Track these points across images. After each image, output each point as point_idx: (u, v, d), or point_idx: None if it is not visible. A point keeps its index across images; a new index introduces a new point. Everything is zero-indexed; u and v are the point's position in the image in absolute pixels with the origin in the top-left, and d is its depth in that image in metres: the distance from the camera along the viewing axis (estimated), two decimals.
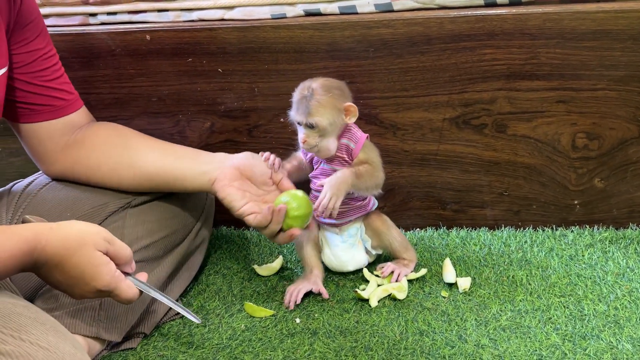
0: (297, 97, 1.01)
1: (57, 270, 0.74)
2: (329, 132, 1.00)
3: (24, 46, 0.91)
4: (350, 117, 1.02)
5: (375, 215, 1.12)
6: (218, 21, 1.17)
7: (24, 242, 0.71)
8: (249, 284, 1.13)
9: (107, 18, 1.21)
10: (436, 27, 1.10)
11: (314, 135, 1.00)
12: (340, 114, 1.01)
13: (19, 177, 1.10)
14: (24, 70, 0.92)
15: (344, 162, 1.05)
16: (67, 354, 0.62)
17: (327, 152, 1.03)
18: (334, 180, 1.00)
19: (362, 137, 1.05)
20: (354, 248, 1.10)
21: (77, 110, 1.00)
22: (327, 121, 0.99)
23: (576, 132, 1.15)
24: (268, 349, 0.95)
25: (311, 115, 0.98)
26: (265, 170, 1.01)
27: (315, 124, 0.99)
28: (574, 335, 0.94)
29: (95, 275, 0.75)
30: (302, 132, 1.01)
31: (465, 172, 1.21)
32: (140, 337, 0.99)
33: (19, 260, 0.71)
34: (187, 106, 1.23)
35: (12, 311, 0.65)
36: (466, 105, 1.16)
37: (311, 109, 0.98)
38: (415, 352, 0.92)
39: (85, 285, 0.75)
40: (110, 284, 0.76)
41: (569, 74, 1.11)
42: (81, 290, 0.76)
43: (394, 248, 1.11)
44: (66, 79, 1.00)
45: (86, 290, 0.76)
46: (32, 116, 0.96)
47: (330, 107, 0.99)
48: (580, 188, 1.20)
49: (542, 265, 1.12)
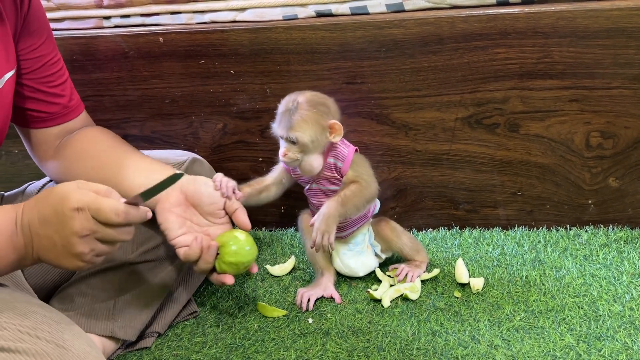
0: (281, 110, 0.98)
1: (41, 226, 0.67)
2: (311, 149, 0.97)
3: (31, 52, 0.91)
4: (335, 135, 0.98)
5: (384, 223, 1.12)
6: (230, 23, 1.18)
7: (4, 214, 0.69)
8: (262, 284, 1.14)
9: (120, 21, 1.22)
10: (448, 27, 1.10)
11: (295, 150, 0.97)
12: (324, 132, 0.97)
13: (35, 178, 1.11)
14: (31, 76, 0.92)
15: (335, 180, 1.02)
16: (82, 351, 0.63)
17: (309, 169, 1.00)
18: (320, 217, 0.95)
19: (350, 154, 1.01)
20: (362, 255, 1.10)
21: (77, 116, 0.99)
22: (309, 138, 0.96)
23: (590, 131, 1.14)
24: (281, 349, 0.95)
25: (293, 129, 0.95)
26: (216, 200, 0.91)
27: (296, 139, 0.95)
28: (589, 336, 0.93)
29: (64, 197, 0.67)
30: (283, 145, 0.98)
31: (478, 172, 1.21)
32: (155, 336, 1.00)
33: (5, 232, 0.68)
34: (200, 108, 1.24)
35: (28, 310, 0.66)
36: (478, 105, 1.15)
37: (293, 123, 0.95)
38: (427, 353, 0.92)
39: (63, 216, 0.66)
40: (82, 199, 0.67)
41: (583, 73, 1.10)
42: (66, 230, 0.67)
43: (405, 253, 1.11)
44: (70, 84, 0.99)
45: (69, 225, 0.67)
46: (36, 122, 0.96)
47: (314, 123, 0.96)
48: (594, 187, 1.19)
49: (555, 265, 1.11)
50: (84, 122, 1.02)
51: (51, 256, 0.69)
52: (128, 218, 0.69)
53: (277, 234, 1.29)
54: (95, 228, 0.68)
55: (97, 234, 0.68)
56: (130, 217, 0.70)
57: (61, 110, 0.96)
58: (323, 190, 1.03)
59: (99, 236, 0.69)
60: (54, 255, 0.69)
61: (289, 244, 1.25)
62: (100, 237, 0.69)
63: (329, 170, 1.01)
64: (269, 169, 1.09)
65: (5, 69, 0.84)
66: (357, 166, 1.01)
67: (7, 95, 0.86)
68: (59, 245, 0.68)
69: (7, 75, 0.85)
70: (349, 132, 1.21)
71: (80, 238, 0.68)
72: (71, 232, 0.67)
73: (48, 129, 0.97)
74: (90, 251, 0.69)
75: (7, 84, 0.85)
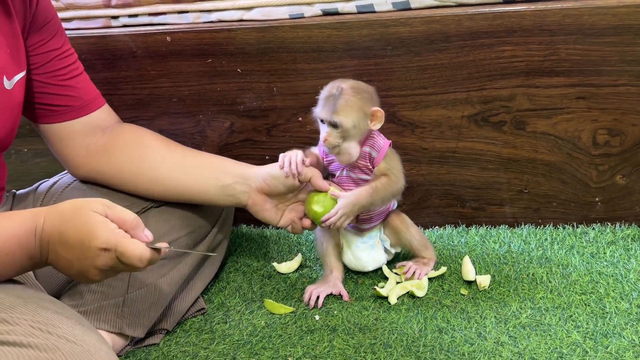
0: (324, 94, 0.99)
1: (61, 246, 0.69)
2: (352, 134, 0.98)
3: (40, 47, 0.92)
4: (375, 122, 1.00)
5: (395, 214, 1.12)
6: (237, 22, 1.19)
7: (24, 221, 0.70)
8: (269, 282, 1.14)
9: (128, 20, 1.23)
10: (454, 25, 1.10)
11: (336, 135, 0.98)
12: (365, 119, 0.99)
13: (44, 177, 1.12)
14: (40, 70, 0.93)
15: (366, 170, 1.04)
16: (93, 347, 0.64)
17: (348, 156, 1.00)
18: (349, 200, 0.99)
19: (385, 145, 1.03)
20: (374, 249, 1.11)
21: (96, 110, 0.99)
22: (352, 122, 0.97)
23: (597, 128, 1.14)
24: (288, 345, 0.96)
25: (337, 113, 0.96)
26: (289, 182, 1.00)
27: (339, 123, 0.97)
28: (596, 333, 0.93)
29: (92, 233, 0.68)
30: (324, 130, 0.99)
31: (485, 170, 1.21)
32: (163, 333, 1.01)
33: (23, 242, 0.70)
34: (207, 106, 1.25)
35: (40, 305, 0.67)
36: (485, 103, 1.15)
37: (337, 107, 0.96)
38: (434, 349, 0.93)
39: (88, 250, 0.68)
40: (110, 240, 0.68)
41: (590, 70, 1.10)
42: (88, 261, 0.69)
43: (413, 246, 1.11)
44: (85, 77, 0.99)
45: (92, 259, 0.69)
46: (51, 117, 0.96)
47: (357, 109, 0.97)
48: (601, 185, 1.18)
49: (562, 263, 1.11)
50: (112, 118, 1.02)
51: (64, 272, 0.73)
52: (149, 264, 0.72)
53: (283, 232, 1.29)
54: (116, 266, 0.71)
55: (116, 269, 0.72)
56: (151, 262, 0.73)
57: (77, 103, 0.96)
58: (353, 179, 1.05)
59: (117, 270, 0.72)
60: (67, 272, 0.73)
61: (295, 241, 1.26)
62: (118, 271, 0.73)
63: (363, 159, 1.03)
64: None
65: (15, 70, 0.85)
66: (389, 159, 1.03)
67: (16, 96, 0.86)
68: (75, 268, 0.71)
69: (17, 77, 0.86)
70: None
71: (99, 270, 0.71)
72: (93, 265, 0.70)
73: (67, 123, 0.96)
74: (104, 278, 0.73)
75: (17, 85, 0.86)
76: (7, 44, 0.84)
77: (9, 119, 0.86)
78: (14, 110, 0.87)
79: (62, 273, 0.73)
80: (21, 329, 0.62)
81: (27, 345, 0.60)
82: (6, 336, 0.60)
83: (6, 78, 0.83)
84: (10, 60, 0.84)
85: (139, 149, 1.00)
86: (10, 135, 0.88)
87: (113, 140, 1.00)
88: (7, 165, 0.97)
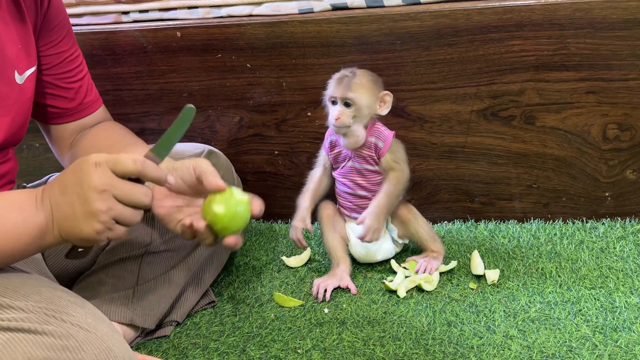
0: (336, 76, 1.04)
1: (60, 194, 0.67)
2: (363, 115, 1.02)
3: (51, 48, 0.92)
4: (384, 107, 1.04)
5: (402, 206, 1.13)
6: (246, 17, 1.19)
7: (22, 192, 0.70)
8: (278, 275, 1.15)
9: (139, 16, 1.24)
10: (464, 19, 1.10)
11: (349, 114, 1.01)
12: (376, 101, 1.04)
13: (55, 171, 1.13)
14: (51, 72, 0.93)
15: (372, 160, 1.06)
16: (106, 335, 0.65)
17: (355, 139, 1.03)
18: (372, 217, 1.03)
19: (390, 136, 1.07)
20: (381, 238, 1.11)
21: (92, 113, 0.99)
22: (365, 101, 1.01)
23: (607, 123, 1.14)
24: (297, 338, 0.97)
25: (352, 90, 1.00)
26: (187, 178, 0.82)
27: (353, 101, 1.00)
28: (605, 327, 0.93)
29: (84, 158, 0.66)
30: (336, 109, 1.02)
31: (494, 165, 1.21)
32: (173, 325, 1.02)
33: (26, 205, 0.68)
34: (216, 101, 1.26)
35: (53, 295, 0.68)
36: (494, 97, 1.15)
37: (352, 85, 1.01)
38: (443, 342, 0.93)
39: (82, 173, 0.66)
40: (101, 156, 0.66)
41: (600, 64, 1.09)
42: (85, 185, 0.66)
43: (421, 237, 1.11)
44: (88, 79, 0.99)
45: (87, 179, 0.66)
46: (55, 118, 0.97)
47: (370, 90, 1.02)
48: (611, 180, 1.18)
49: (572, 257, 1.11)
50: (100, 119, 1.02)
51: (70, 223, 0.68)
52: (145, 168, 0.67)
53: None
54: (113, 182, 0.66)
55: (115, 189, 0.67)
56: (148, 169, 0.68)
57: (77, 107, 0.97)
58: (358, 169, 1.07)
59: (117, 193, 0.67)
60: (72, 220, 0.68)
61: (304, 236, 1.26)
62: (118, 193, 0.67)
63: (369, 149, 1.06)
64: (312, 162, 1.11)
65: (27, 65, 0.86)
66: (395, 150, 1.07)
67: (28, 91, 0.87)
68: (77, 207, 0.67)
69: (28, 72, 0.86)
70: None
71: (98, 194, 0.66)
72: (89, 187, 0.66)
73: (64, 125, 0.98)
74: (107, 210, 0.67)
75: (28, 80, 0.86)
76: (19, 39, 0.85)
77: (21, 114, 0.87)
78: (25, 105, 0.88)
79: (70, 228, 0.68)
80: (36, 316, 0.63)
81: (41, 332, 0.61)
82: (21, 323, 0.61)
83: (17, 73, 0.84)
84: (21, 55, 0.85)
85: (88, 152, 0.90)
86: (21, 130, 0.89)
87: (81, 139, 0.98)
88: (20, 160, 0.97)
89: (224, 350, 0.95)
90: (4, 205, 0.69)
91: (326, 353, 0.93)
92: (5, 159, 0.90)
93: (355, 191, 1.10)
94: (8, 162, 0.91)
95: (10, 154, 0.92)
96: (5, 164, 0.91)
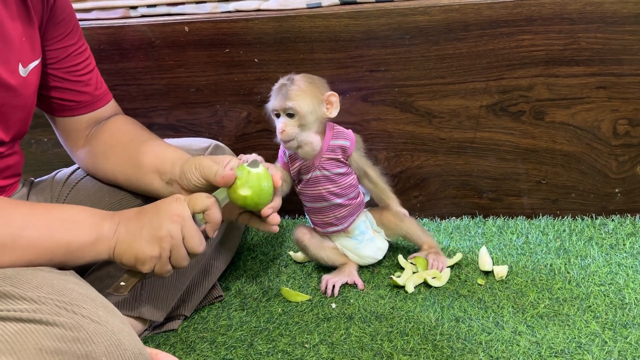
0: (276, 86, 0.98)
1: (132, 222, 0.77)
2: (309, 122, 0.96)
3: (58, 42, 0.93)
4: (331, 109, 0.98)
5: (385, 211, 1.12)
6: (254, 11, 1.19)
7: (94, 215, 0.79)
8: (285, 270, 1.15)
9: (147, 10, 1.24)
10: (473, 14, 1.09)
11: (293, 124, 0.95)
12: (321, 105, 0.97)
13: (63, 166, 1.13)
14: (57, 65, 0.94)
15: (341, 163, 1.02)
16: (117, 327, 0.65)
17: (310, 147, 0.97)
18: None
19: (351, 133, 1.04)
20: (374, 241, 1.10)
21: (104, 105, 1.00)
22: (308, 108, 0.95)
23: (617, 118, 1.13)
24: (305, 332, 0.97)
25: (290, 99, 0.94)
26: None
27: (294, 110, 0.94)
28: (615, 324, 0.92)
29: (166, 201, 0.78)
30: (280, 122, 0.96)
31: (502, 160, 1.20)
32: (181, 319, 1.02)
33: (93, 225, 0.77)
34: (224, 96, 1.25)
35: (65, 287, 0.68)
36: (504, 92, 1.14)
37: (290, 93, 0.95)
38: (451, 338, 0.93)
39: (163, 205, 0.77)
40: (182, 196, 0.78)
41: (611, 59, 1.08)
42: (161, 215, 0.77)
43: (412, 237, 1.11)
44: (97, 73, 1.00)
45: (165, 211, 0.77)
46: (63, 111, 0.98)
47: (311, 94, 0.96)
48: (621, 176, 1.17)
49: (581, 254, 1.10)
50: (113, 111, 1.03)
51: (132, 239, 0.77)
52: (213, 208, 0.79)
53: (300, 222, 1.30)
54: (185, 216, 0.77)
55: (185, 222, 0.77)
56: (213, 210, 0.79)
57: (88, 99, 0.98)
58: (327, 176, 1.02)
59: (185, 227, 0.77)
60: (136, 239, 0.77)
61: None
62: (186, 229, 0.77)
63: (333, 152, 1.02)
64: None
65: (30, 58, 0.86)
66: (359, 146, 1.05)
67: (31, 84, 0.88)
68: (146, 229, 0.76)
69: (32, 65, 0.87)
70: (371, 120, 1.22)
71: (170, 222, 0.76)
72: (165, 214, 0.76)
73: (76, 118, 0.98)
74: (171, 238, 0.76)
75: (31, 73, 0.87)
76: (24, 32, 0.85)
77: (24, 106, 0.87)
78: (29, 98, 0.88)
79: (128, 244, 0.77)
80: (47, 307, 0.63)
81: (52, 323, 0.61)
82: (33, 314, 0.62)
83: (22, 65, 0.85)
84: (25, 48, 0.86)
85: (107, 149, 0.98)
86: (25, 123, 0.90)
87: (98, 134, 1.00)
88: (28, 155, 0.98)
89: (231, 345, 0.96)
90: (76, 208, 0.78)
91: (334, 348, 0.93)
92: (11, 152, 0.91)
93: (331, 200, 1.04)
94: (14, 155, 0.92)
95: (16, 147, 0.93)
96: (11, 157, 0.91)
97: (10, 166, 0.92)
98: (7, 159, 0.91)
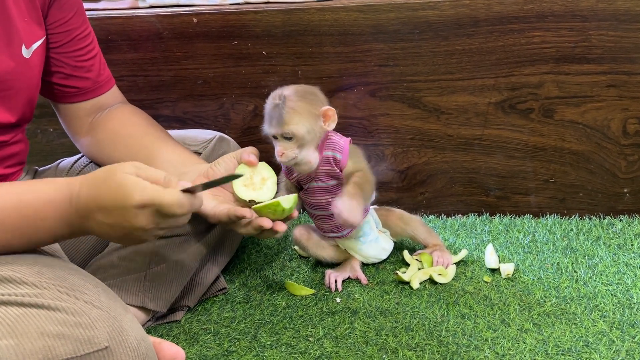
0: (268, 107, 0.93)
1: (100, 213, 0.69)
2: (308, 141, 0.92)
3: (60, 25, 0.92)
4: (329, 122, 0.94)
5: (390, 213, 1.10)
6: (263, 4, 1.18)
7: (59, 188, 0.71)
8: (290, 264, 1.14)
9: (155, 1, 1.24)
10: (483, 9, 1.08)
11: (292, 147, 0.92)
12: (317, 121, 0.93)
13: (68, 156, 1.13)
14: (61, 50, 0.93)
15: (335, 174, 0.98)
16: (118, 314, 0.64)
17: (307, 165, 0.94)
18: (344, 204, 0.91)
19: (346, 144, 0.98)
20: (378, 241, 1.09)
21: (107, 91, 0.99)
22: (305, 129, 0.91)
23: (628, 117, 1.12)
24: (309, 326, 0.96)
25: (286, 124, 0.90)
26: None
27: (291, 134, 0.91)
28: (622, 323, 0.91)
29: (126, 193, 0.67)
30: (278, 145, 0.93)
31: (510, 158, 1.19)
32: (185, 310, 1.02)
33: (59, 208, 0.70)
34: (231, 89, 1.25)
35: (67, 274, 0.68)
36: (513, 89, 1.14)
37: (285, 117, 0.90)
38: (456, 334, 0.92)
39: (126, 212, 0.68)
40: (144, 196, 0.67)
41: (622, 57, 1.07)
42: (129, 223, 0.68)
43: (418, 239, 1.10)
44: (100, 58, 0.99)
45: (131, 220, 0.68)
46: (65, 97, 0.97)
47: (306, 113, 0.91)
48: (630, 176, 1.16)
49: (588, 253, 1.09)
50: (116, 98, 1.02)
51: (109, 238, 0.74)
52: (191, 209, 0.71)
53: (304, 216, 1.29)
54: (159, 221, 0.70)
55: (161, 224, 0.71)
56: (193, 207, 0.72)
57: (90, 85, 0.97)
58: (323, 187, 1.00)
59: (163, 226, 0.71)
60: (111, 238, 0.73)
61: None
62: (164, 226, 0.72)
63: (327, 164, 0.97)
64: None
65: (33, 39, 0.85)
66: (354, 157, 0.98)
67: (35, 66, 0.87)
68: (119, 232, 0.70)
69: (35, 45, 0.86)
70: (379, 115, 1.21)
71: (144, 230, 0.70)
72: (134, 227, 0.69)
73: (79, 104, 0.97)
74: (153, 237, 0.73)
75: (35, 54, 0.86)
76: (27, 11, 0.85)
77: (28, 87, 0.86)
78: (33, 80, 0.87)
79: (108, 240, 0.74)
80: (49, 292, 0.63)
81: (54, 308, 0.61)
82: (35, 299, 0.61)
83: (25, 46, 0.84)
84: (28, 28, 0.85)
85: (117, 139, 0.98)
86: (29, 106, 0.89)
87: (105, 121, 0.98)
88: (33, 145, 0.98)
89: (235, 337, 0.95)
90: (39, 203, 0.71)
91: (338, 341, 0.92)
92: (16, 139, 0.90)
93: (329, 210, 0.97)
94: (19, 143, 0.91)
95: (21, 134, 0.92)
96: (16, 145, 0.90)
97: (16, 154, 0.92)
98: (13, 146, 0.90)
